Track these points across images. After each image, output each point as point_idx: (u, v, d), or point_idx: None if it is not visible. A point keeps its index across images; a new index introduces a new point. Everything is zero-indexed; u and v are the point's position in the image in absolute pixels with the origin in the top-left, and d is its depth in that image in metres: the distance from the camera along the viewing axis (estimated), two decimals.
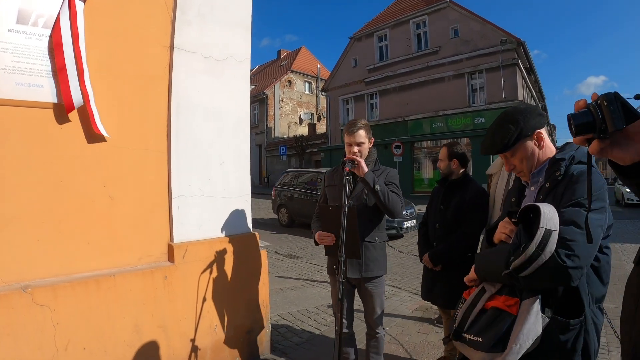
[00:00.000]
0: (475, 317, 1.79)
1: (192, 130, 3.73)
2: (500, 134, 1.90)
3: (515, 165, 1.98)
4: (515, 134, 1.86)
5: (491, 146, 1.95)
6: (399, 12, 28.42)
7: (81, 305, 2.93)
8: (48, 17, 2.92)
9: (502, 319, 1.65)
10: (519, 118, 1.88)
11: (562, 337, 1.67)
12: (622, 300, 1.58)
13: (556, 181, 1.80)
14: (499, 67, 22.78)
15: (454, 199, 3.78)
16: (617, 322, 4.99)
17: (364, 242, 3.19)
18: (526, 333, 1.57)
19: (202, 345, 3.62)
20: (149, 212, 3.47)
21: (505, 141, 1.87)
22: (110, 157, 3.24)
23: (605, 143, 1.10)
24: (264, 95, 39.98)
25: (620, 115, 1.05)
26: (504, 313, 1.66)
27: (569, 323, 1.67)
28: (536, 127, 1.91)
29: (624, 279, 5.36)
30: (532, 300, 1.62)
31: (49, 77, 2.93)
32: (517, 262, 1.56)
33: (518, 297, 1.66)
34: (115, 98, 3.25)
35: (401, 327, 5.08)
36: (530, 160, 1.94)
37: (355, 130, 3.19)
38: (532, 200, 1.92)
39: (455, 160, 3.86)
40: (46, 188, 2.93)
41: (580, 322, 1.69)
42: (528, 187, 2.03)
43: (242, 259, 3.99)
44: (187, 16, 3.67)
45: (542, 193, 1.85)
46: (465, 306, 1.86)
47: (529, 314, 1.60)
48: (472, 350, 1.72)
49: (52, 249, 2.93)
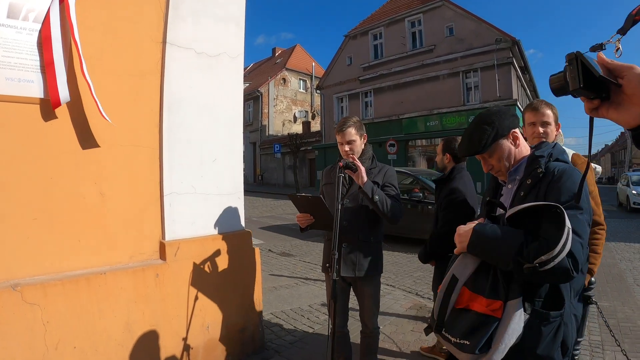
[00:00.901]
0: (454, 314, 1.80)
1: (185, 126, 3.70)
2: (477, 135, 1.94)
3: (493, 165, 2.01)
4: (492, 134, 1.91)
5: (468, 148, 1.99)
6: (394, 10, 28.39)
7: (72, 303, 2.90)
8: (39, 11, 2.89)
9: (487, 323, 1.67)
10: (494, 119, 1.93)
11: (543, 330, 1.70)
12: None
13: (537, 178, 1.83)
14: (493, 66, 22.80)
15: (439, 197, 3.82)
16: (612, 321, 5.00)
17: (359, 242, 3.17)
18: (511, 333, 1.62)
19: (195, 344, 3.60)
20: (141, 210, 3.44)
21: (483, 142, 1.91)
22: (102, 154, 3.20)
23: (594, 104, 1.09)
24: (259, 93, 39.95)
25: (578, 75, 1.04)
26: (489, 318, 1.67)
27: (550, 315, 1.71)
28: (511, 127, 1.96)
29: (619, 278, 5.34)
30: (516, 302, 1.65)
31: (38, 72, 2.89)
32: (545, 258, 1.54)
33: (502, 300, 1.67)
34: (106, 94, 3.20)
35: (395, 325, 5.08)
36: (508, 159, 1.99)
37: (345, 129, 3.16)
38: (510, 197, 1.97)
39: (447, 154, 3.89)
40: (36, 185, 2.89)
41: (560, 314, 1.73)
42: (505, 185, 2.07)
43: (235, 257, 3.96)
44: (179, 11, 3.64)
45: (522, 189, 1.87)
46: (440, 297, 1.88)
47: (514, 315, 1.64)
48: (458, 351, 1.74)
49: (42, 246, 2.90)
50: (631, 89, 1.02)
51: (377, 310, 3.35)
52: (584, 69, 1.04)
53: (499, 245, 1.70)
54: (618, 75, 1.04)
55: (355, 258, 3.15)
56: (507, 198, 2.00)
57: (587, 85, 1.04)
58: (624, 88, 1.03)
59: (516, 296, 1.66)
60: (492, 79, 22.92)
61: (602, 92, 1.06)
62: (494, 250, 1.72)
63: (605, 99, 1.07)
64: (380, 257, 3.32)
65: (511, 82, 22.66)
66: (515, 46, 22.75)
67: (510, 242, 1.67)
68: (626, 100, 1.04)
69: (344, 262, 3.13)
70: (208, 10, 3.88)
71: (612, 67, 1.05)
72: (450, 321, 1.81)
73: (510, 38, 22.52)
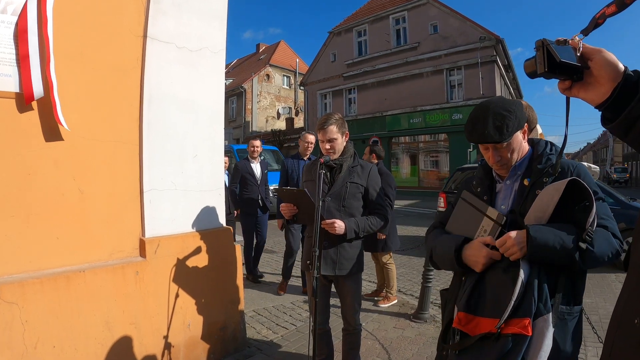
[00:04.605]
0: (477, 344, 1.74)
1: (165, 121, 3.66)
2: (500, 122, 1.78)
3: (502, 156, 1.89)
4: (516, 123, 1.79)
5: (488, 134, 1.80)
6: (378, 7, 28.46)
7: (50, 302, 2.85)
8: (17, 4, 2.83)
9: (518, 342, 1.61)
10: (514, 108, 1.81)
11: (569, 325, 1.71)
12: None
13: (552, 175, 1.78)
14: (477, 64, 23.01)
15: None
16: (594, 317, 5.07)
17: (339, 240, 3.15)
18: (546, 350, 1.59)
19: (176, 342, 3.57)
20: (120, 206, 3.39)
21: (510, 129, 1.78)
22: (80, 150, 3.15)
23: (565, 84, 1.20)
24: (242, 89, 39.71)
25: (543, 60, 1.14)
26: (518, 337, 1.61)
27: (574, 310, 1.72)
28: (525, 120, 1.89)
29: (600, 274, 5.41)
30: (546, 319, 1.61)
31: (16, 66, 2.83)
32: (590, 219, 1.61)
33: (529, 317, 1.61)
34: (84, 88, 3.15)
35: (377, 322, 5.09)
36: (518, 153, 1.91)
37: (326, 126, 3.13)
38: (510, 194, 1.92)
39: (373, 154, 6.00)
40: (14, 181, 2.83)
41: (580, 308, 1.76)
42: (503, 181, 1.99)
43: (216, 254, 3.94)
44: (161, 5, 3.59)
45: (537, 187, 1.79)
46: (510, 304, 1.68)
47: (547, 332, 1.60)
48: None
49: (20, 244, 2.84)
50: (597, 70, 1.12)
51: (359, 308, 3.35)
52: (549, 54, 1.13)
53: (557, 239, 1.63)
54: (588, 58, 1.14)
55: (335, 256, 3.14)
56: (507, 194, 1.94)
57: (552, 69, 1.13)
58: (592, 70, 1.13)
59: (547, 311, 1.62)
60: (475, 76, 23.13)
61: (574, 74, 1.15)
62: (556, 248, 1.63)
63: (578, 79, 1.17)
64: (362, 255, 3.32)
65: (495, 80, 22.89)
66: (499, 44, 23.00)
67: (566, 234, 1.63)
68: (594, 80, 1.14)
69: (324, 260, 3.11)
70: (190, 4, 3.83)
71: (583, 51, 1.15)
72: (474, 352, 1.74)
73: (494, 36, 22.74)
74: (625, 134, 1.11)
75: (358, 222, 3.11)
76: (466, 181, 2.23)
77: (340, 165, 3.21)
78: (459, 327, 1.80)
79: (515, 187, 1.92)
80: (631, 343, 1.05)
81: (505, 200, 1.94)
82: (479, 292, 1.80)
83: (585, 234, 1.60)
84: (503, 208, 1.92)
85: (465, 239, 1.93)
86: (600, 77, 1.11)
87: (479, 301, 1.78)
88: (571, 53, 1.14)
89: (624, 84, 1.08)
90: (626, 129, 1.09)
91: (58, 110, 2.94)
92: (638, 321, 1.02)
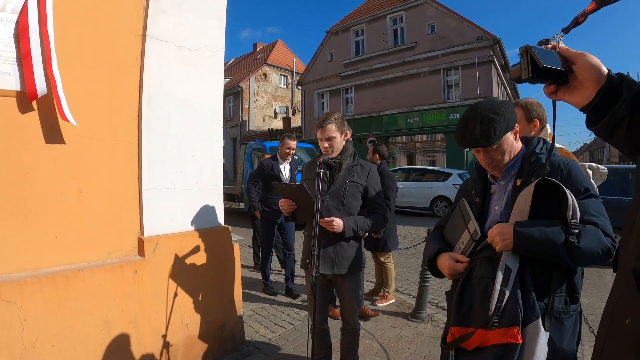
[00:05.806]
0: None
1: (164, 121, 3.66)
2: (487, 126, 1.79)
3: (493, 159, 1.91)
4: (504, 126, 1.81)
5: (476, 139, 1.81)
6: (376, 7, 28.42)
7: (49, 301, 2.85)
8: (16, 2, 2.82)
9: (509, 351, 1.60)
10: (503, 110, 1.82)
11: (565, 324, 1.72)
12: None
13: (543, 174, 1.76)
14: (474, 64, 22.99)
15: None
16: (590, 317, 5.09)
17: (338, 239, 3.15)
18: (539, 355, 1.57)
19: (174, 341, 3.57)
20: (119, 205, 3.39)
21: (498, 133, 1.80)
22: (79, 149, 3.14)
23: (550, 89, 1.22)
24: (239, 89, 39.61)
25: (527, 66, 1.18)
26: (509, 346, 1.60)
27: (570, 309, 1.74)
28: (516, 120, 1.90)
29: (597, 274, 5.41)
30: (536, 325, 1.60)
31: (15, 65, 2.82)
32: (571, 212, 1.63)
33: (516, 325, 1.60)
34: (84, 87, 3.15)
35: (375, 321, 5.10)
36: (510, 154, 1.92)
37: (325, 125, 3.14)
38: (505, 194, 1.93)
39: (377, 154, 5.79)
40: (12, 180, 2.82)
41: (577, 307, 1.77)
42: (497, 182, 2.00)
43: (214, 253, 3.95)
44: (160, 4, 3.59)
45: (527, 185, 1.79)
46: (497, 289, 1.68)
47: (539, 338, 1.59)
48: None
49: (18, 243, 2.83)
50: (582, 74, 1.15)
51: (358, 307, 3.36)
52: (532, 60, 1.16)
53: (548, 235, 1.63)
54: (572, 62, 1.17)
55: (334, 255, 3.14)
56: (501, 195, 1.95)
57: (537, 74, 1.17)
58: (576, 73, 1.16)
59: (536, 317, 1.61)
60: (472, 76, 23.12)
61: (559, 78, 1.18)
62: (542, 241, 1.63)
63: (563, 83, 1.19)
64: (361, 254, 3.31)
65: (492, 80, 22.87)
66: (496, 45, 22.98)
67: (552, 232, 1.63)
68: (578, 84, 1.16)
69: (323, 259, 3.11)
70: (189, 3, 3.83)
71: (566, 55, 1.18)
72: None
73: (492, 36, 22.73)
74: (610, 135, 1.13)
75: (357, 220, 3.12)
76: (465, 183, 2.27)
77: (340, 164, 3.21)
78: (452, 342, 1.80)
79: (509, 188, 1.93)
80: (622, 344, 1.05)
81: (499, 201, 1.95)
82: (469, 303, 1.81)
83: (569, 228, 1.61)
84: (497, 209, 1.94)
85: (439, 250, 2.07)
86: (585, 81, 1.14)
87: (469, 312, 1.79)
88: (555, 58, 1.17)
89: (608, 87, 1.10)
90: (610, 130, 1.12)
91: (64, 107, 2.94)
92: (629, 322, 1.03)
